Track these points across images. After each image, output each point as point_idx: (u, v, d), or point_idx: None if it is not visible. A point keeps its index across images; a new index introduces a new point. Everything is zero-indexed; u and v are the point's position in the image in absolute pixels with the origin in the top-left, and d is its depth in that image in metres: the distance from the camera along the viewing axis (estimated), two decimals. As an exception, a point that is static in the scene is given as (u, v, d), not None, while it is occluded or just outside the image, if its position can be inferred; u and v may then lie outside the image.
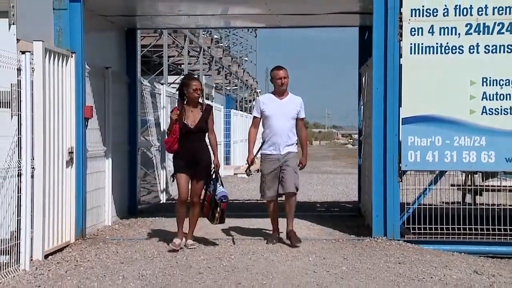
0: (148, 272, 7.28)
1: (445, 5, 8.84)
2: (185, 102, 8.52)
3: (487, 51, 8.83)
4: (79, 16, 9.14)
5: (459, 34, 8.85)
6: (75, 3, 9.11)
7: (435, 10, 8.87)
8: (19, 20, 7.85)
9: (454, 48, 8.87)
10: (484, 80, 8.84)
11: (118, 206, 11.22)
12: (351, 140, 77.94)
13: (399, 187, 9.03)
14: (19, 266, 7.32)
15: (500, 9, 8.77)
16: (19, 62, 7.47)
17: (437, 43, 8.88)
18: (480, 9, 8.80)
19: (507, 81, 8.78)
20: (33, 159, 7.66)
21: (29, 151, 7.53)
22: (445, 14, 8.85)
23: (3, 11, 7.79)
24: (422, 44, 8.89)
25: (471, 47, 8.85)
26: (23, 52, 7.55)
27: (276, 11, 11.05)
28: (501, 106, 8.81)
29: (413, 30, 8.90)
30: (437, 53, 8.88)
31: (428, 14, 8.88)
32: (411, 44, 8.90)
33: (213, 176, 8.53)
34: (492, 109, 8.81)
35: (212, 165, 8.59)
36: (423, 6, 8.87)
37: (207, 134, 8.62)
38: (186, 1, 10.28)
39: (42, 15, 8.86)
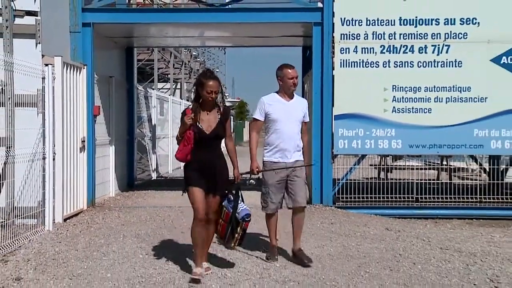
0: (142, 232, 7.29)
1: (365, 31, 9.03)
2: (199, 103, 5.34)
3: (396, 65, 9.03)
4: (90, 37, 9.15)
5: (375, 52, 9.03)
6: (87, 27, 9.14)
7: (358, 35, 9.05)
8: (44, 40, 7.88)
9: (372, 63, 9.04)
10: (394, 87, 9.04)
11: (120, 182, 11.21)
12: (298, 132, 77.64)
13: (332, 167, 9.20)
14: (44, 227, 7.35)
15: (405, 35, 8.99)
16: (43, 72, 7.47)
17: (359, 59, 9.04)
18: (390, 35, 9.00)
19: (410, 88, 9.01)
20: (54, 146, 7.66)
21: (51, 140, 7.54)
22: (365, 38, 9.04)
23: (32, 33, 7.84)
24: (349, 60, 9.04)
25: (384, 63, 9.04)
26: (46, 65, 7.56)
27: (239, 34, 11.15)
28: (405, 106, 9.02)
29: (342, 49, 9.06)
30: (359, 66, 9.04)
31: (353, 38, 9.05)
32: (340, 60, 9.05)
33: (233, 191, 5.48)
34: (399, 108, 9.02)
35: (232, 178, 5.51)
36: (349, 32, 9.04)
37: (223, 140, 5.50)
38: (172, 26, 10.30)
39: (61, 36, 8.88)
